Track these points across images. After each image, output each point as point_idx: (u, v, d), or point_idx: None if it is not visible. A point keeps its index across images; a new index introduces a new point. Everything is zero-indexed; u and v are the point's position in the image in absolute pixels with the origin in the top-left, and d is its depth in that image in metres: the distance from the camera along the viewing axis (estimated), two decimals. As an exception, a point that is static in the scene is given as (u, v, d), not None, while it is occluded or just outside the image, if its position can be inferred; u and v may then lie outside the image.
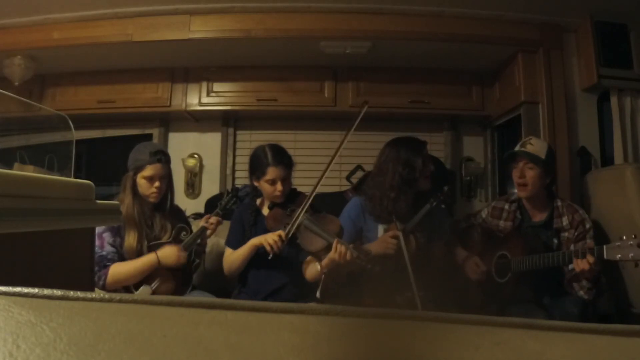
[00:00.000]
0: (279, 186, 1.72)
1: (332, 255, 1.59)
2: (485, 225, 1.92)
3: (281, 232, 1.63)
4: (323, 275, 1.64)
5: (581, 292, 1.61)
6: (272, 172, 1.72)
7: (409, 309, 1.51)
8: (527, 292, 1.67)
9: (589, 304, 1.65)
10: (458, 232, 1.98)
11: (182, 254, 1.68)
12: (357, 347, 0.25)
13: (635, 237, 1.35)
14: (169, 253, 1.66)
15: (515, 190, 1.83)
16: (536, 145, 1.77)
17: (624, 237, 1.37)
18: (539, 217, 1.79)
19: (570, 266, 1.61)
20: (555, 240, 1.72)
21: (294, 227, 1.64)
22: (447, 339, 0.26)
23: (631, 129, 2.19)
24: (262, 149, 1.78)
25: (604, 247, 1.42)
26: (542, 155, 1.74)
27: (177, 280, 1.73)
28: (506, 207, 1.88)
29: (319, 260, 1.68)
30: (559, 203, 1.77)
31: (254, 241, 1.69)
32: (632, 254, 1.34)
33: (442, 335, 0.26)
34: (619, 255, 1.37)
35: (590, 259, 1.43)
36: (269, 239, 1.62)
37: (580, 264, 1.45)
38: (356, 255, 1.58)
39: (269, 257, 1.62)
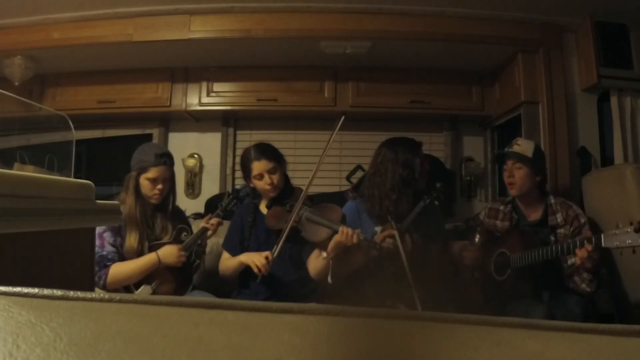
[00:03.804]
0: (267, 179, 1.74)
1: (338, 237, 1.57)
2: (483, 227, 1.93)
3: (268, 254, 1.61)
4: (331, 262, 1.63)
5: (583, 285, 1.61)
6: (256, 167, 1.74)
7: (408, 308, 1.52)
8: (527, 288, 1.68)
9: (590, 302, 1.65)
10: (457, 235, 1.98)
11: (182, 252, 1.68)
12: (357, 347, 0.25)
13: (632, 224, 1.35)
14: (169, 252, 1.67)
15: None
16: (523, 145, 1.80)
17: (621, 225, 1.38)
18: (533, 216, 1.81)
19: (570, 261, 1.63)
20: (552, 238, 1.74)
21: (281, 243, 1.61)
22: (446, 339, 0.26)
23: (631, 129, 2.19)
24: (248, 149, 1.83)
25: (602, 235, 1.43)
26: (529, 154, 1.76)
27: (177, 280, 1.73)
28: (501, 208, 1.90)
29: (325, 251, 1.67)
30: (552, 200, 1.78)
31: (242, 258, 1.69)
32: (629, 241, 1.34)
33: (442, 335, 0.26)
34: (617, 243, 1.37)
35: (589, 247, 1.43)
36: (256, 261, 1.61)
37: (580, 253, 1.45)
38: (363, 237, 1.58)
39: (257, 281, 1.61)
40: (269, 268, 1.61)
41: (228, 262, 1.77)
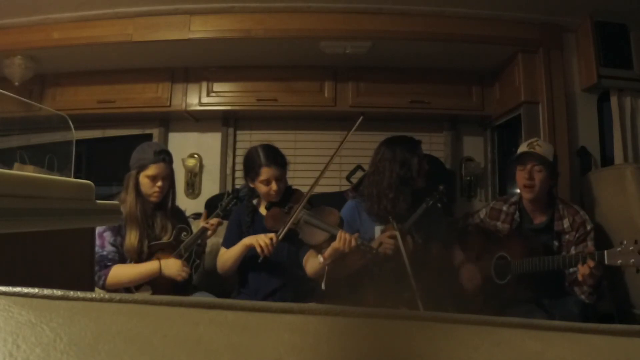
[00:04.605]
0: (273, 186, 1.73)
1: (336, 244, 1.58)
2: (483, 226, 1.91)
3: (273, 235, 1.61)
4: (326, 267, 1.63)
5: (582, 297, 1.60)
6: (265, 173, 1.72)
7: (409, 309, 1.52)
8: (527, 293, 1.67)
9: (590, 305, 1.64)
10: (456, 231, 1.98)
11: (185, 269, 1.67)
12: (357, 347, 0.25)
13: (637, 242, 1.34)
14: (172, 266, 1.66)
15: (515, 191, 1.82)
16: (544, 147, 1.76)
17: (625, 242, 1.37)
18: (539, 219, 1.78)
19: (572, 269, 1.61)
20: (556, 243, 1.72)
21: (287, 229, 1.62)
22: (446, 339, 0.26)
23: (631, 129, 2.19)
24: (255, 150, 1.78)
25: (605, 252, 1.41)
26: (550, 157, 1.73)
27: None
28: (504, 208, 1.86)
29: (321, 253, 1.67)
30: (560, 205, 1.76)
31: (246, 241, 1.68)
32: (633, 260, 1.34)
33: (442, 335, 0.26)
34: (620, 261, 1.37)
35: (591, 263, 1.42)
36: (260, 241, 1.60)
37: (582, 270, 1.44)
38: (360, 242, 1.58)
39: (259, 260, 1.60)
40: (272, 250, 1.60)
41: (229, 253, 1.74)
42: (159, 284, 1.67)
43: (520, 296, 1.66)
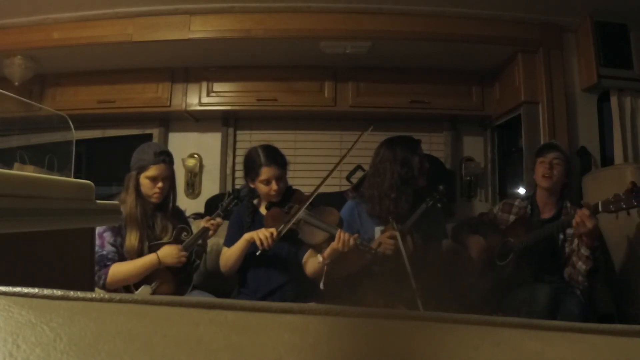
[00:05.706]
0: (273, 185, 1.73)
1: (335, 244, 1.59)
2: (496, 221, 1.95)
3: (273, 230, 1.62)
4: (325, 267, 1.64)
5: (580, 263, 1.63)
6: (265, 172, 1.73)
7: (410, 309, 1.52)
8: (528, 272, 1.70)
9: (590, 303, 1.65)
10: (469, 227, 1.99)
11: (182, 253, 1.68)
12: (357, 347, 0.25)
13: (627, 189, 1.45)
14: (169, 252, 1.66)
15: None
16: (561, 146, 1.90)
17: (615, 193, 1.48)
18: (548, 214, 1.84)
19: (571, 249, 1.68)
20: (561, 236, 1.76)
21: (289, 226, 1.63)
22: (446, 339, 0.26)
23: (631, 129, 2.19)
24: (255, 150, 1.79)
25: (599, 202, 1.51)
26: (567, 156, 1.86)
27: (177, 280, 1.73)
28: (517, 203, 1.93)
29: (321, 253, 1.68)
30: (568, 204, 1.83)
31: (247, 236, 1.69)
32: (623, 204, 1.45)
33: (442, 335, 0.26)
34: (612, 207, 1.47)
35: (585, 211, 1.50)
36: (260, 235, 1.62)
37: (579, 212, 1.52)
38: (360, 242, 1.59)
39: (257, 254, 1.61)
40: (272, 244, 1.61)
41: (231, 250, 1.74)
42: (164, 280, 1.68)
43: (521, 275, 1.69)
